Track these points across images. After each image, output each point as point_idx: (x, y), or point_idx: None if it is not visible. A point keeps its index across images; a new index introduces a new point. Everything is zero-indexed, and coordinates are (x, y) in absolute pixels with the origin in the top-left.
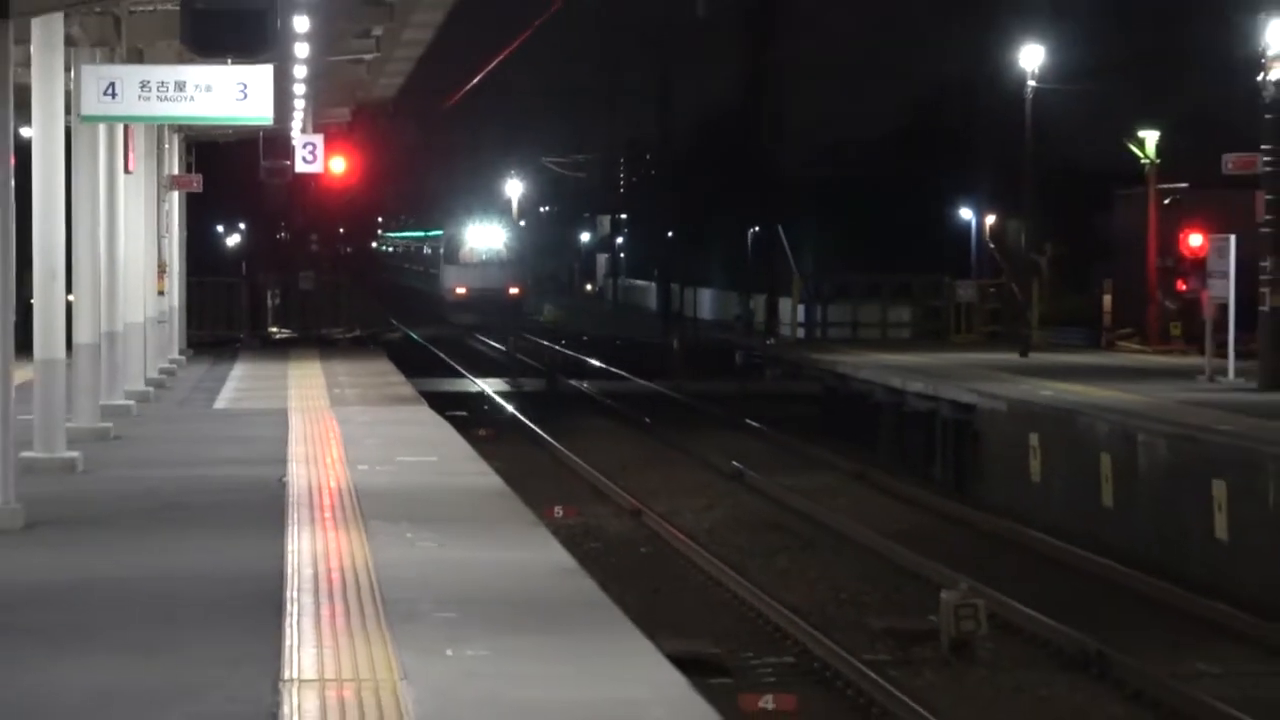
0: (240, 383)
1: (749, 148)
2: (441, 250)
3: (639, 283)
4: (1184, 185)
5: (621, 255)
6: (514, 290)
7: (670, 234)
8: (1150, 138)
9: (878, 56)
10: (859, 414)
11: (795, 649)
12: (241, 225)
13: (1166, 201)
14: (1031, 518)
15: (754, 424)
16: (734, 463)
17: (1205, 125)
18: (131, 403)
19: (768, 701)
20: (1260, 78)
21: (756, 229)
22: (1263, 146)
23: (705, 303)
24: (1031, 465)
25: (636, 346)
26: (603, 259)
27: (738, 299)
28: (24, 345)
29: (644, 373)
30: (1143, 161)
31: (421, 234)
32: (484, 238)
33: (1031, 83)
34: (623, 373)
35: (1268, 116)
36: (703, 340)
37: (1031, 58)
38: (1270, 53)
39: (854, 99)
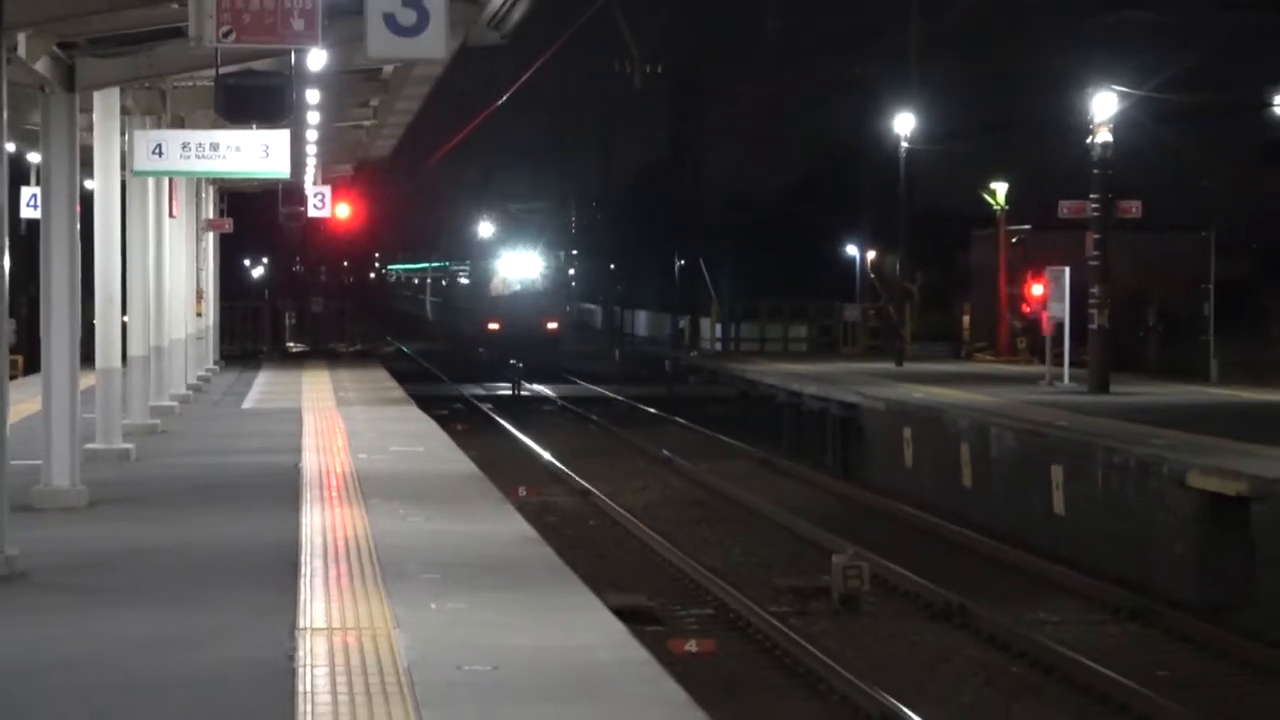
0: (263, 388)
1: (676, 194)
2: (473, 281)
3: (588, 306)
4: (1027, 227)
5: (573, 284)
6: (552, 324)
7: (612, 266)
8: (1001, 188)
9: (782, 121)
10: (765, 412)
11: (714, 602)
12: (264, 259)
13: (1014, 240)
14: (905, 496)
15: (680, 420)
16: (664, 451)
17: (1045, 178)
18: (175, 404)
19: (692, 645)
20: (1088, 140)
21: (682, 261)
22: (1090, 195)
23: (641, 322)
24: (905, 453)
25: (586, 357)
26: None
27: (669, 320)
28: (87, 357)
29: (592, 379)
30: (994, 208)
31: (440, 264)
32: (520, 268)
33: (904, 143)
34: (574, 379)
35: (1094, 171)
36: (639, 352)
37: (904, 123)
38: (1096, 120)
39: (762, 155)
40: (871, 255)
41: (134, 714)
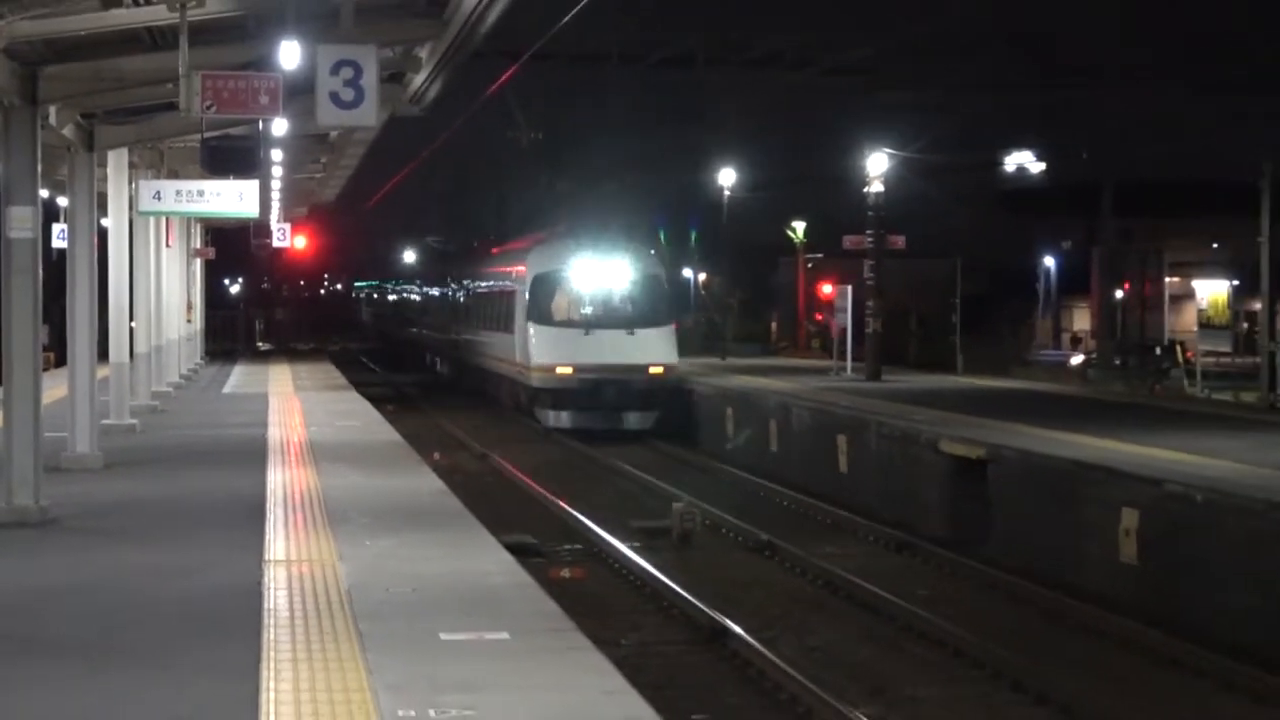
0: (239, 378)
1: None
2: (524, 297)
3: None
4: (819, 255)
5: None
6: (656, 367)
7: None
8: (800, 226)
9: (631, 175)
10: None
11: (584, 540)
12: (239, 278)
13: (809, 265)
14: (728, 460)
15: None
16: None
17: (833, 219)
18: (170, 389)
19: (566, 572)
20: (865, 189)
21: None
22: (867, 232)
23: None
24: (727, 427)
25: None
26: None
27: None
28: (103, 354)
29: None
30: (795, 241)
31: (375, 283)
32: (613, 276)
33: (727, 190)
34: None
35: (869, 213)
36: None
37: (727, 176)
38: (870, 175)
39: (617, 204)
40: (703, 277)
41: (140, 623)
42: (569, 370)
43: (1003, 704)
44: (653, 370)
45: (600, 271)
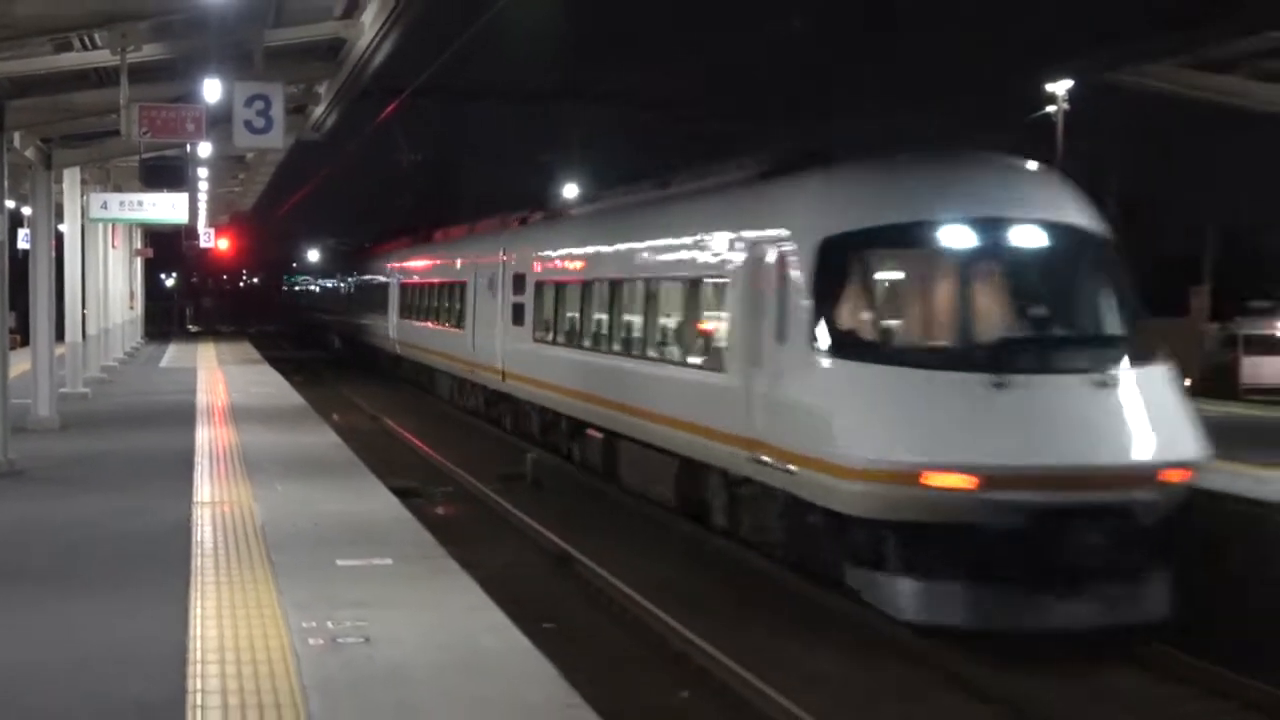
0: (172, 355)
1: None
2: (788, 292)
3: None
4: None
5: None
6: (1173, 469)
7: None
8: None
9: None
10: None
11: (455, 484)
12: (174, 273)
13: None
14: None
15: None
16: (426, 392)
17: None
18: (116, 364)
19: (441, 510)
20: None
21: None
22: None
23: None
24: None
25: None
26: None
27: None
28: (60, 335)
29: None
30: None
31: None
32: (1032, 252)
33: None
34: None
35: None
36: None
37: (571, 192)
38: None
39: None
40: None
41: (93, 555)
42: (968, 482)
43: None
44: (1166, 477)
45: (1005, 242)
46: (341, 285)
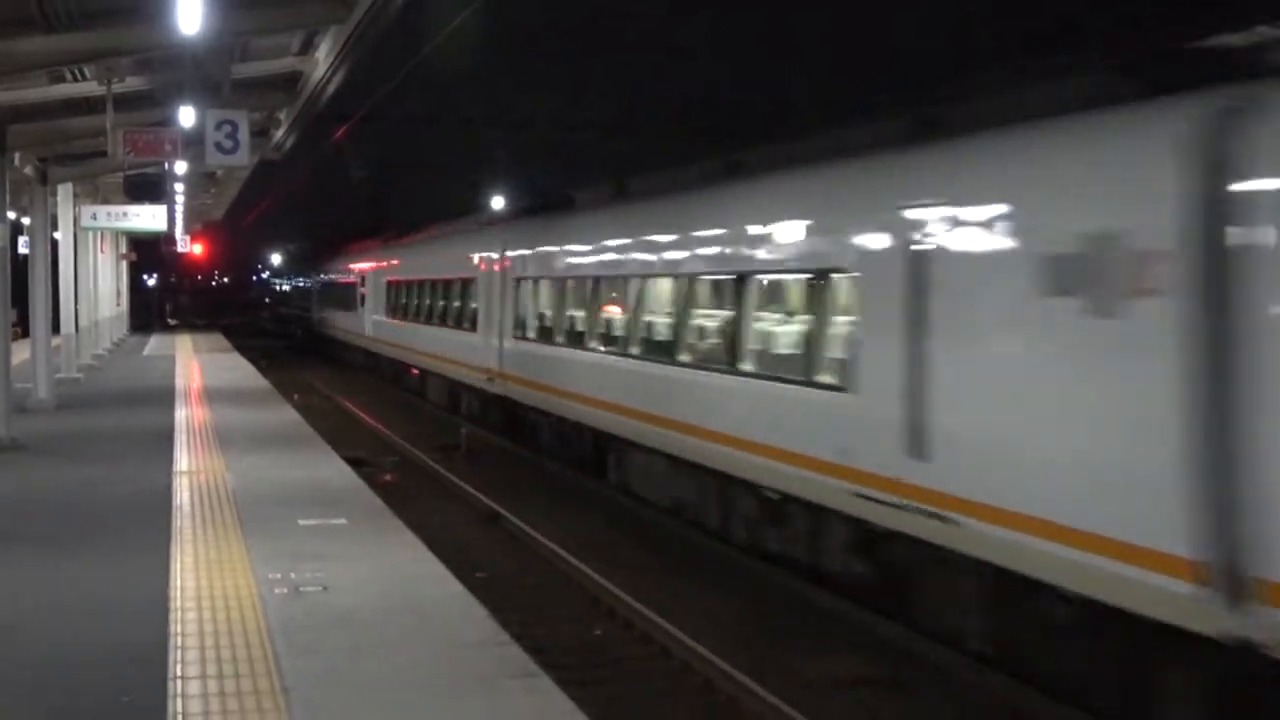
0: (154, 345)
1: None
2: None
3: None
4: None
5: None
6: None
7: None
8: None
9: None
10: None
11: (400, 454)
12: (155, 274)
13: None
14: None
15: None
16: (377, 376)
17: None
18: (105, 352)
19: (388, 476)
20: None
21: None
22: None
23: None
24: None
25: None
26: None
27: None
28: (55, 328)
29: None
30: None
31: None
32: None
33: None
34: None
35: None
36: None
37: (498, 204)
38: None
39: None
40: None
41: (94, 510)
42: None
43: None
44: None
45: None
46: (300, 283)
